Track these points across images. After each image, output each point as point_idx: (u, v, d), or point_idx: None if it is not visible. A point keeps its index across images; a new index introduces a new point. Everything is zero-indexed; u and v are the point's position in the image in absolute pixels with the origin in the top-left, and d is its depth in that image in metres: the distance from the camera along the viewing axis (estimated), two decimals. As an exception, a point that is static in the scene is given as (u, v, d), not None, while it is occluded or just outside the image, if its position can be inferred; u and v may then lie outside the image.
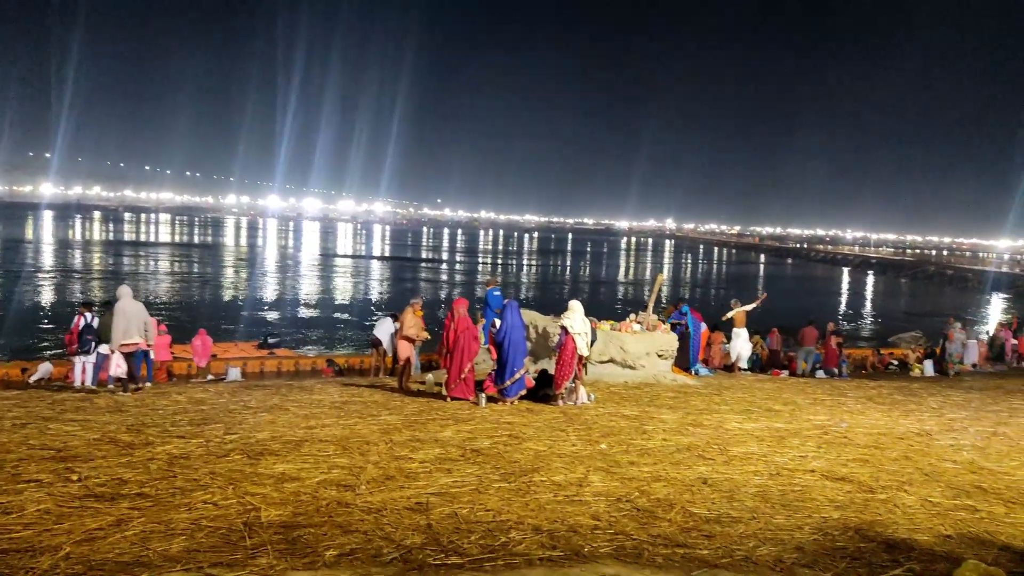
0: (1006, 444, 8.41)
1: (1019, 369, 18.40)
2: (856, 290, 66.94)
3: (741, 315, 16.34)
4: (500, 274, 65.31)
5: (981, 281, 63.22)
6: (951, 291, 62.90)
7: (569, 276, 69.12)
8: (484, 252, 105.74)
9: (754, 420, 9.45)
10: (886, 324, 37.52)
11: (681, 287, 60.02)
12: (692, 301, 39.18)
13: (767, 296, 16.60)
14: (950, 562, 4.62)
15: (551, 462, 6.91)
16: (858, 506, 5.86)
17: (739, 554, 4.70)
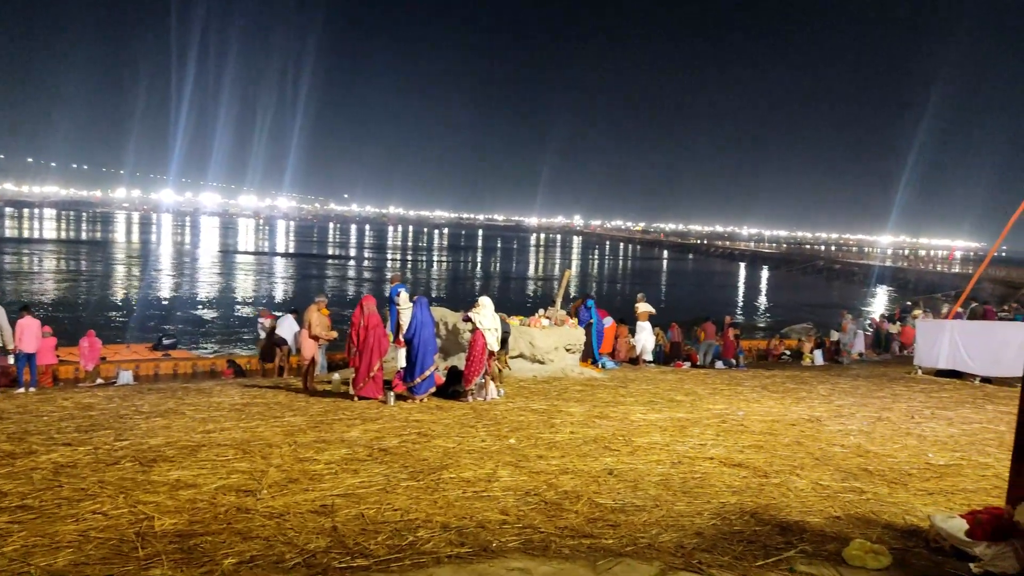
0: (889, 428, 8.95)
1: (901, 357, 19.62)
2: (752, 284, 69.96)
3: (645, 310, 16.80)
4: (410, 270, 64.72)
5: (866, 274, 67.20)
6: (839, 284, 66.60)
7: (480, 272, 69.22)
8: (393, 248, 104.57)
9: (657, 411, 9.71)
10: (780, 316, 39.37)
11: (589, 282, 61.14)
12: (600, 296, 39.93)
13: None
14: (839, 542, 4.88)
15: (460, 459, 6.89)
16: (754, 491, 6.11)
17: (643, 542, 4.82)
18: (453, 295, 41.19)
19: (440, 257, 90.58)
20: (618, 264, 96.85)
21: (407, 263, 75.78)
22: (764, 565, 4.48)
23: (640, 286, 52.47)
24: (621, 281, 66.66)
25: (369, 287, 46.13)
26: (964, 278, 44.12)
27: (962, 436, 8.56)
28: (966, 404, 10.82)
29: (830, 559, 4.61)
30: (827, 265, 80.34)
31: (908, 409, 10.28)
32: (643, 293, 18.29)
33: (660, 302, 41.51)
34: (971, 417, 9.76)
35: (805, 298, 51.00)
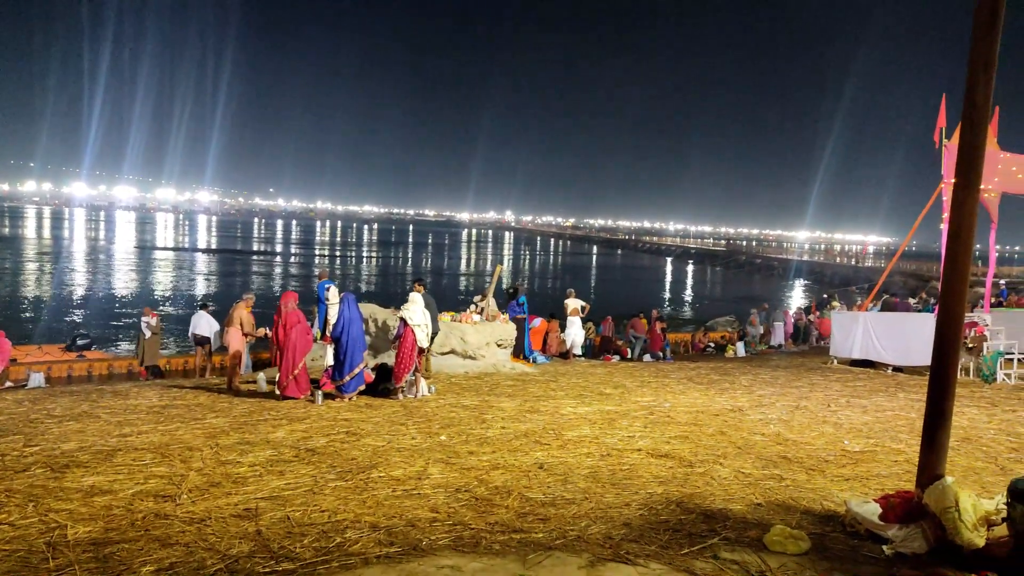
0: (807, 416, 9.30)
1: (818, 348, 20.40)
2: (678, 278, 71.56)
3: (576, 304, 16.97)
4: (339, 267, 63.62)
5: (785, 269, 69.64)
6: (760, 278, 68.80)
7: (411, 268, 68.58)
8: (321, 244, 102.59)
9: (587, 404, 9.82)
10: (704, 309, 40.41)
11: (521, 278, 61.39)
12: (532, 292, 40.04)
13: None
14: (761, 528, 5.04)
15: (390, 457, 6.82)
16: (679, 480, 6.25)
17: (572, 534, 4.86)
18: (383, 291, 40.74)
19: (370, 253, 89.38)
20: (549, 259, 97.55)
21: (336, 259, 74.49)
22: (689, 553, 4.59)
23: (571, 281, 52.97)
24: (552, 276, 67.18)
25: (296, 284, 45.11)
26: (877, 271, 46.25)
27: (876, 423, 8.96)
28: (879, 392, 11.32)
29: (752, 545, 4.76)
30: (749, 260, 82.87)
31: (825, 398, 10.70)
32: (573, 288, 18.45)
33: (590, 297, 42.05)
34: (884, 405, 10.22)
35: (729, 292, 52.49)
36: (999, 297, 23.31)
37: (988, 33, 4.94)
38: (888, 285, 27.99)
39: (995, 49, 4.97)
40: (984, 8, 4.93)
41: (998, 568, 4.41)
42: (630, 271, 78.15)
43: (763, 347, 21.87)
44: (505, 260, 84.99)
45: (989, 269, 15.76)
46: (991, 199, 13.82)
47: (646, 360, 17.54)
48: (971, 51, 5.04)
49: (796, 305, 36.52)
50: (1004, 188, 13.91)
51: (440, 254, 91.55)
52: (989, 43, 4.95)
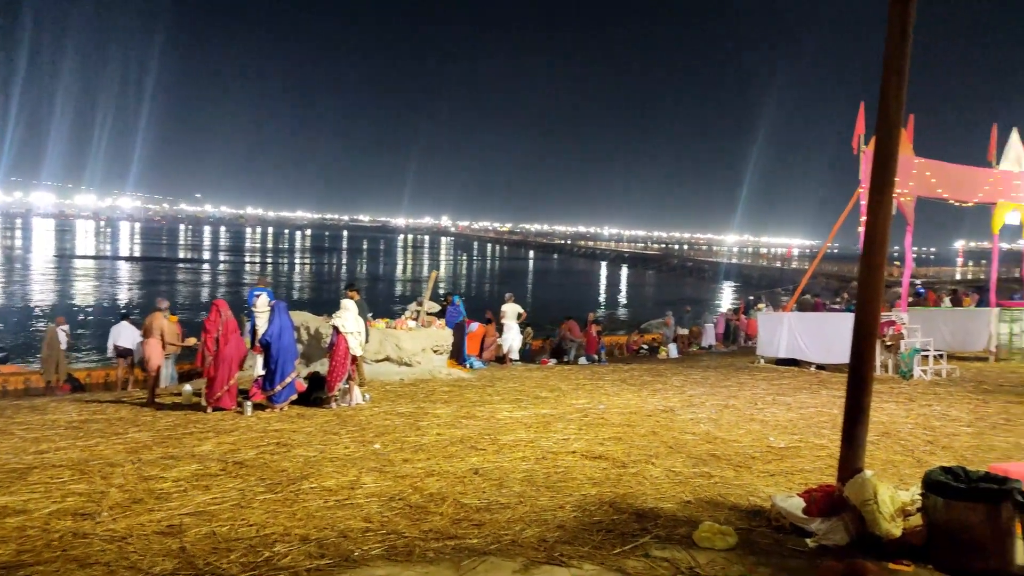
0: (735, 415, 9.54)
1: (746, 348, 20.98)
2: (613, 282, 72.63)
3: (513, 309, 17.04)
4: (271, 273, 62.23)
5: (715, 271, 71.49)
6: (692, 280, 70.43)
7: (345, 274, 67.59)
8: (252, 251, 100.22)
9: (523, 408, 9.85)
10: (638, 312, 41.08)
11: (458, 283, 61.24)
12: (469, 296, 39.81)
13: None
14: (690, 525, 5.13)
15: (322, 467, 6.69)
16: (613, 481, 6.32)
17: (507, 539, 4.86)
18: (317, 298, 40.03)
19: (303, 259, 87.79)
20: (487, 264, 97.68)
21: (267, 266, 72.85)
22: (621, 552, 4.64)
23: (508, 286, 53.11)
24: (490, 281, 67.26)
25: (226, 292, 43.91)
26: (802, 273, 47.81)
27: (800, 420, 9.25)
28: (803, 390, 11.70)
29: (682, 542, 4.84)
30: (681, 263, 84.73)
31: (752, 396, 11.00)
32: (511, 293, 18.52)
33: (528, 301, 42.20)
34: (808, 402, 10.56)
35: (662, 294, 53.52)
36: (916, 296, 24.45)
37: (900, 44, 5.17)
38: (811, 286, 29.00)
39: (906, 59, 5.20)
40: (896, 20, 5.16)
41: (914, 556, 4.61)
42: (566, 275, 78.92)
43: (695, 348, 22.39)
44: (442, 265, 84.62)
45: (906, 270, 16.50)
46: (907, 203, 14.47)
47: (581, 363, 17.71)
48: (884, 61, 5.27)
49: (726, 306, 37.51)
50: (919, 192, 14.60)
51: (375, 260, 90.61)
52: (901, 53, 5.18)
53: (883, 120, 5.13)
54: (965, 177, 15.25)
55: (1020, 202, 15.87)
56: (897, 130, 5.23)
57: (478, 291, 52.97)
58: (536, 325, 22.63)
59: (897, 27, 5.13)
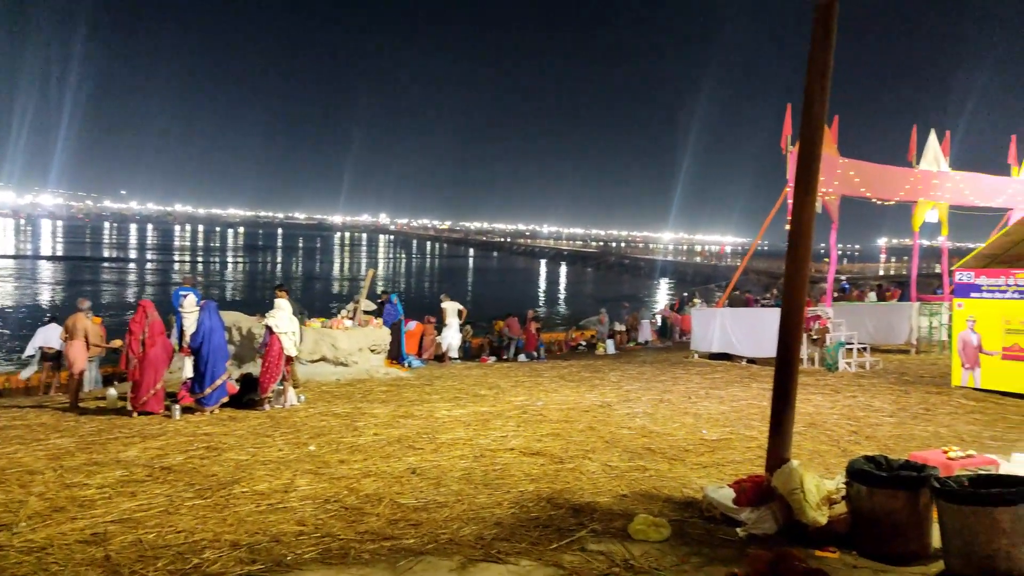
0: (670, 409, 9.72)
1: (681, 343, 21.38)
2: (552, 279, 73.12)
3: (452, 307, 16.96)
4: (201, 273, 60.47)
5: (651, 268, 72.73)
6: (628, 277, 71.46)
7: (280, 273, 66.21)
8: (181, 249, 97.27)
9: (462, 406, 9.82)
10: (577, 309, 41.48)
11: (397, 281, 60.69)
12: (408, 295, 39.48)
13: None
14: (626, 518, 5.21)
15: (254, 471, 6.53)
16: (550, 477, 6.36)
17: (444, 537, 4.84)
18: (250, 298, 39.09)
19: (235, 258, 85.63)
20: (426, 262, 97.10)
21: (197, 265, 70.80)
22: (558, 547, 4.68)
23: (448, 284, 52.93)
24: (429, 279, 66.88)
25: (152, 292, 42.49)
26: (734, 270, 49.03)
27: (731, 413, 9.49)
28: (735, 384, 12.01)
29: (617, 535, 4.91)
30: (617, 260, 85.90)
31: (686, 390, 11.23)
32: (447, 292, 18.45)
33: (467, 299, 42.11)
34: (739, 395, 10.84)
35: (600, 291, 54.14)
36: (841, 292, 25.36)
37: (823, 47, 5.34)
38: (742, 283, 29.77)
39: (830, 61, 5.38)
40: (819, 24, 5.33)
41: (839, 543, 4.78)
42: (506, 273, 79.07)
43: (632, 344, 22.72)
44: (380, 264, 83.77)
45: (831, 266, 17.09)
46: (832, 201, 14.99)
47: (521, 360, 17.77)
48: (808, 64, 5.43)
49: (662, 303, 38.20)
50: (843, 191, 15.13)
51: (312, 259, 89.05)
52: (824, 56, 5.35)
53: (807, 121, 5.30)
54: (887, 176, 15.88)
55: (939, 200, 16.63)
56: (820, 131, 5.41)
57: (417, 289, 52.61)
58: (476, 323, 22.62)
59: (820, 31, 5.30)
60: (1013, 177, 18.35)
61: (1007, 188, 17.98)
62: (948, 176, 16.60)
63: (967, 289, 11.17)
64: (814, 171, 5.32)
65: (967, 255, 11.88)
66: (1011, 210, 17.78)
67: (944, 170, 16.57)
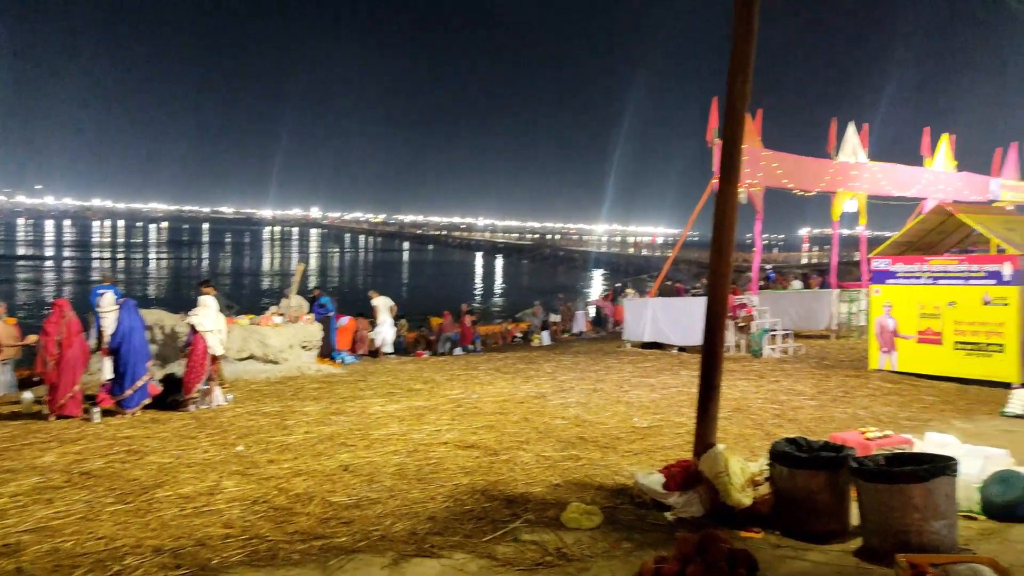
0: (603, 398, 9.84)
1: (615, 333, 21.69)
2: (488, 272, 73.22)
3: (383, 302, 16.79)
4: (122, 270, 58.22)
5: (586, 260, 73.55)
6: (563, 269, 72.06)
7: (206, 269, 64.30)
8: (101, 246, 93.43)
9: (396, 402, 9.73)
10: (514, 301, 41.65)
11: (329, 276, 59.72)
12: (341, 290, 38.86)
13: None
14: (559, 507, 5.26)
15: (178, 474, 6.33)
16: (484, 469, 6.37)
17: (376, 534, 4.79)
18: (175, 296, 37.87)
19: (158, 254, 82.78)
20: (359, 257, 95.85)
21: (117, 262, 68.14)
22: (492, 539, 4.69)
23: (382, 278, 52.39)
24: (363, 274, 66.05)
25: (70, 291, 40.69)
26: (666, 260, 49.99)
27: (662, 400, 9.68)
28: (666, 372, 12.25)
29: (551, 524, 4.96)
30: (552, 252, 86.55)
31: (619, 379, 11.40)
32: (376, 288, 18.28)
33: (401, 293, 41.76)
34: (669, 383, 11.07)
35: (536, 283, 54.50)
36: (766, 280, 26.16)
37: (744, 42, 5.48)
38: (673, 273, 30.40)
39: (750, 56, 5.52)
40: (740, 19, 5.46)
41: (763, 523, 4.93)
42: (442, 266, 78.73)
43: (567, 334, 22.95)
44: (312, 258, 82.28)
45: (755, 255, 17.61)
46: (756, 193, 15.42)
47: (457, 354, 17.74)
48: (730, 58, 5.56)
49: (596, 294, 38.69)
50: (767, 183, 15.58)
51: (240, 254, 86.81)
52: (745, 50, 5.49)
53: (729, 114, 5.43)
54: (808, 168, 16.43)
55: (857, 191, 17.31)
56: (742, 124, 5.55)
57: (351, 284, 51.86)
58: (411, 317, 22.46)
59: (742, 26, 5.43)
60: (926, 168, 19.30)
61: (921, 178, 18.88)
62: (866, 167, 17.30)
63: (884, 276, 11.67)
64: (736, 162, 5.46)
65: (884, 243, 12.41)
66: (925, 199, 18.67)
67: (862, 161, 17.27)
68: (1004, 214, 13.23)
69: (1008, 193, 21.99)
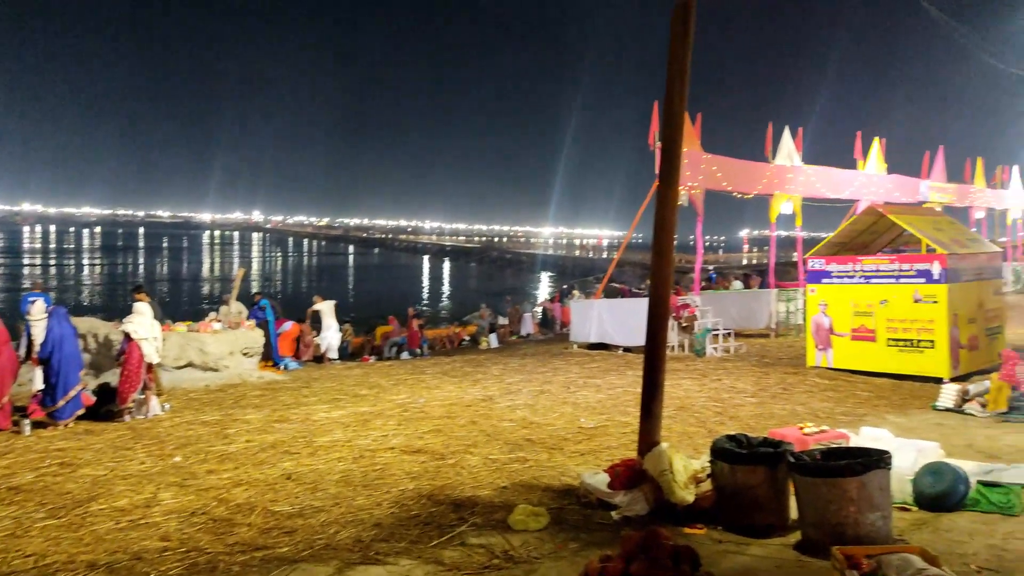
0: (550, 400, 9.89)
1: (562, 335, 21.83)
2: (435, 275, 72.92)
3: (328, 306, 16.55)
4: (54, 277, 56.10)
5: (533, 263, 73.91)
6: (511, 272, 72.25)
7: (143, 275, 62.41)
8: (31, 252, 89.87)
9: (341, 407, 9.60)
10: (461, 304, 41.56)
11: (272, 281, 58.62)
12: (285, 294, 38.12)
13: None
14: (506, 510, 5.25)
15: (113, 486, 6.12)
16: (431, 474, 6.33)
17: (320, 543, 4.71)
18: (110, 303, 36.68)
19: (92, 260, 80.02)
20: (303, 261, 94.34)
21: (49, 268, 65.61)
22: (438, 543, 4.66)
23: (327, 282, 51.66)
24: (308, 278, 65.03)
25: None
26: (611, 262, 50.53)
27: (608, 400, 9.77)
28: (612, 372, 12.37)
29: (498, 527, 4.95)
30: (500, 255, 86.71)
31: (566, 381, 11.47)
32: (320, 294, 18.03)
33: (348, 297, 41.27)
34: (615, 383, 11.18)
35: (484, 286, 54.47)
36: (708, 281, 26.68)
37: (682, 47, 5.58)
38: (618, 275, 30.76)
39: (688, 60, 5.62)
40: (678, 24, 5.56)
41: (706, 519, 5.02)
42: (388, 270, 78.09)
43: (514, 337, 23.01)
44: (254, 263, 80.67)
45: (697, 256, 17.92)
46: (697, 195, 15.69)
47: (404, 358, 17.60)
48: (668, 63, 5.66)
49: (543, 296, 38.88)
50: (707, 185, 15.88)
51: (178, 259, 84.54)
52: (682, 55, 5.59)
53: (668, 118, 5.52)
54: (746, 171, 16.81)
55: (793, 193, 17.79)
56: (681, 127, 5.65)
57: (295, 289, 51.00)
58: (357, 322, 22.21)
59: (679, 31, 5.53)
60: (859, 170, 19.97)
61: (854, 180, 19.52)
62: (801, 170, 17.80)
63: (819, 276, 12.01)
64: (675, 165, 5.55)
65: (819, 244, 12.78)
66: (858, 201, 19.31)
67: (797, 165, 17.76)
68: (933, 215, 13.77)
69: (936, 194, 22.95)
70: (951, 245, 11.16)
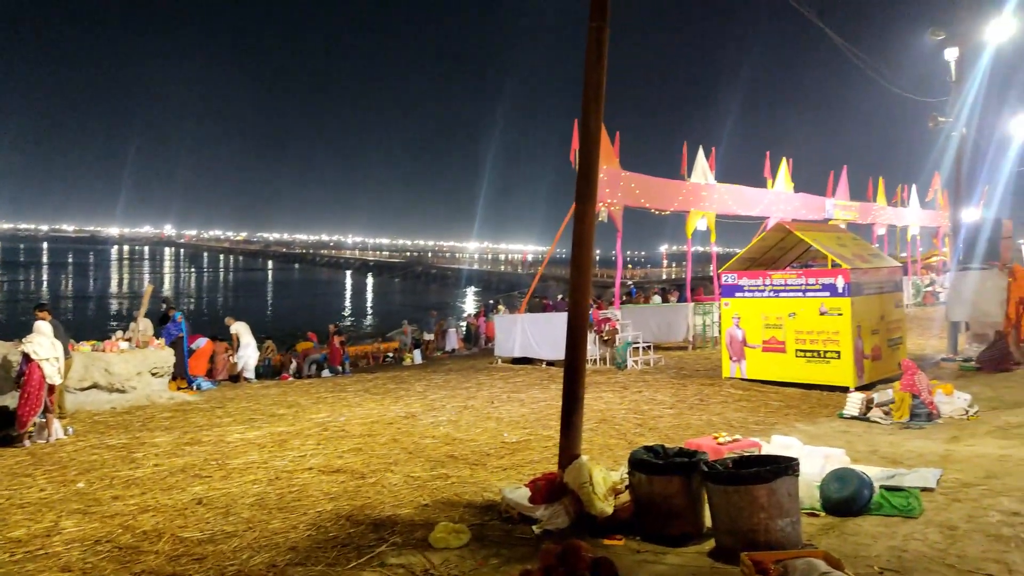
0: (473, 415, 9.86)
1: (487, 349, 21.85)
2: (358, 290, 71.86)
3: (242, 326, 16.07)
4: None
5: (458, 277, 73.80)
6: (436, 287, 71.98)
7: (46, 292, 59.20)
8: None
9: (257, 428, 9.32)
10: (385, 320, 41.06)
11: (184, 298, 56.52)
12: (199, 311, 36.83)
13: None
14: (427, 528, 5.20)
15: (10, 516, 5.76)
16: (351, 494, 6.21)
17: (232, 569, 4.55)
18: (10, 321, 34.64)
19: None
20: (220, 276, 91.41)
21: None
22: (356, 565, 4.57)
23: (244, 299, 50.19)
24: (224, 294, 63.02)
25: None
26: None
27: (531, 415, 9.82)
28: (535, 386, 12.44)
29: (418, 546, 4.89)
30: (425, 270, 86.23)
31: (489, 395, 11.48)
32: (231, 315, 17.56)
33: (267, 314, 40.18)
34: (539, 397, 11.25)
35: (408, 301, 54.00)
36: (628, 295, 27.22)
37: (596, 66, 5.71)
38: (543, 289, 31.04)
39: (602, 83, 5.75)
40: (592, 44, 5.69)
41: (625, 530, 5.09)
42: (309, 285, 76.52)
43: (439, 352, 22.90)
44: (166, 279, 77.66)
45: (617, 271, 18.29)
46: (616, 211, 16.04)
47: (325, 375, 17.25)
48: (584, 82, 5.78)
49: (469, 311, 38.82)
50: (626, 202, 16.25)
51: (83, 275, 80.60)
52: (597, 76, 5.72)
53: (584, 136, 5.64)
54: (662, 189, 17.31)
55: (707, 210, 18.40)
56: (597, 145, 5.77)
57: (210, 305, 49.33)
58: (278, 339, 21.65)
59: (593, 51, 5.67)
60: (768, 189, 20.83)
61: (764, 198, 20.35)
62: (714, 188, 18.44)
63: (732, 290, 12.43)
64: (593, 183, 5.67)
65: (732, 259, 13.23)
66: (768, 218, 20.12)
67: (711, 183, 18.40)
68: (837, 231, 14.48)
69: (840, 212, 24.17)
70: (854, 260, 11.74)
